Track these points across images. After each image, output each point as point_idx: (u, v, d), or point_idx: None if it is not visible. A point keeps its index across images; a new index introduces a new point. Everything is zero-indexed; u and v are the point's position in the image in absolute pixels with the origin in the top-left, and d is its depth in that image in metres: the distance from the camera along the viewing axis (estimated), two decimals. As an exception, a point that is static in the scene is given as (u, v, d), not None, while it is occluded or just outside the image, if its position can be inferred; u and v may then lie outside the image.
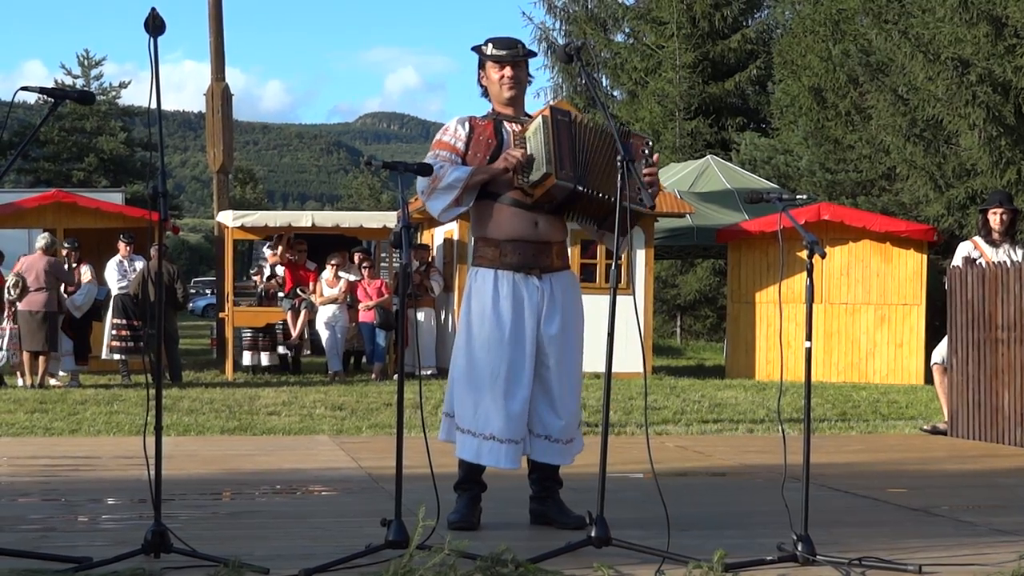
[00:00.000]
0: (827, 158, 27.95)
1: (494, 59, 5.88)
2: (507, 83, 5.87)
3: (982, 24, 21.52)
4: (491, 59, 5.89)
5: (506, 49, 5.87)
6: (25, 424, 11.50)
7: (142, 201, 40.42)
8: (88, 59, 57.80)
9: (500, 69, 5.88)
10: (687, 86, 33.41)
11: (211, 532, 5.68)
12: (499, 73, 5.88)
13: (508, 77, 5.87)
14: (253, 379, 17.42)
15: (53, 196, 19.35)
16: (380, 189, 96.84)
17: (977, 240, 10.91)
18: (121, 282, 16.63)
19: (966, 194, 22.84)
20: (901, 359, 18.80)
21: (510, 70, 5.87)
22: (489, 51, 5.90)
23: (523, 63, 5.91)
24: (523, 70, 5.93)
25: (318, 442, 10.06)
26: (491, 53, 5.89)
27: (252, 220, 18.49)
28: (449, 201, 5.70)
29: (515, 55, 5.86)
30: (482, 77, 5.97)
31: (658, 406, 13.77)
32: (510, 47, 5.87)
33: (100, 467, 8.37)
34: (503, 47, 5.88)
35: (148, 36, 4.85)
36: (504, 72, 5.87)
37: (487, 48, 5.91)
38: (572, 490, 6.04)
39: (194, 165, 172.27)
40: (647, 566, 4.86)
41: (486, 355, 5.70)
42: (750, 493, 7.47)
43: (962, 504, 7.01)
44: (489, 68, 5.91)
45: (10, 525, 5.82)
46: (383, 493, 6.93)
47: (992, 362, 10.34)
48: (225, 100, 21.26)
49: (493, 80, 5.91)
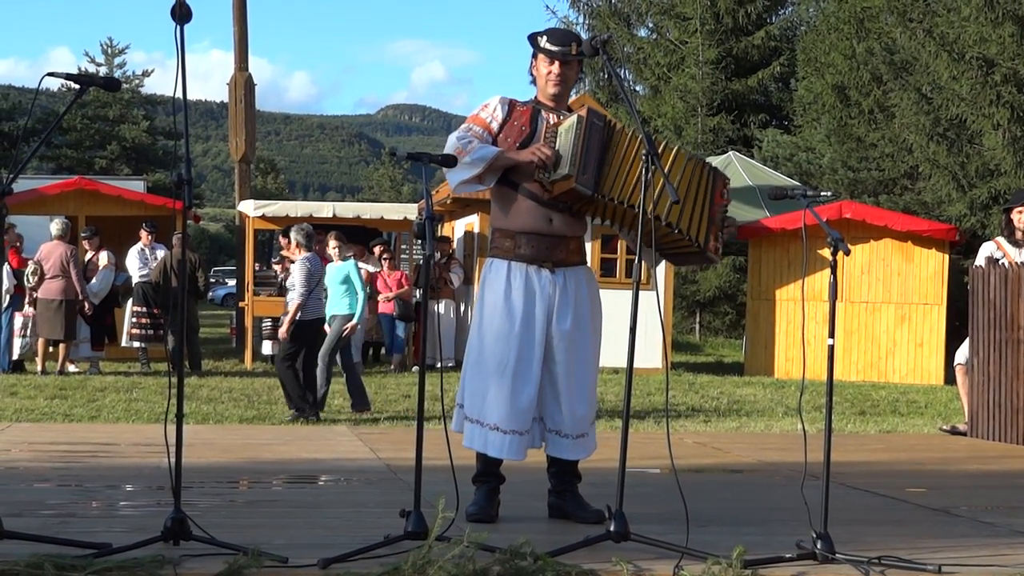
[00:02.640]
0: (849, 156, 27.83)
1: (546, 53, 5.83)
2: (553, 80, 5.83)
3: (1007, 24, 21.40)
4: (543, 52, 5.84)
5: (559, 46, 5.80)
6: (45, 410, 11.55)
7: (164, 189, 40.57)
8: (112, 47, 57.97)
9: (549, 64, 5.82)
10: (710, 82, 33.29)
11: (230, 520, 5.69)
12: (548, 68, 5.83)
13: (555, 74, 5.82)
14: (272, 368, 17.44)
15: (75, 183, 19.44)
16: (401, 181, 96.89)
17: (1000, 240, 10.85)
18: (142, 270, 16.66)
19: (989, 194, 22.72)
20: (921, 359, 18.73)
21: (559, 67, 5.81)
22: (543, 44, 5.84)
23: (574, 62, 5.85)
24: (573, 69, 5.87)
25: (336, 432, 10.07)
26: (544, 46, 5.83)
27: (273, 210, 18.52)
28: (469, 176, 5.67)
29: (566, 53, 5.79)
30: (533, 66, 5.92)
31: (676, 402, 13.76)
32: (563, 44, 5.81)
33: (119, 454, 8.40)
34: (556, 43, 5.82)
35: (174, 24, 4.86)
36: (552, 68, 5.81)
37: (542, 40, 5.85)
38: (591, 484, 6.04)
39: (216, 154, 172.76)
40: (666, 561, 4.85)
41: (495, 345, 5.70)
42: (769, 490, 7.45)
43: (982, 505, 6.98)
44: (540, 60, 5.86)
45: (30, 510, 5.84)
46: (401, 484, 6.93)
47: (1013, 362, 10.28)
48: (248, 90, 21.31)
49: (541, 73, 5.86)
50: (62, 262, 15.39)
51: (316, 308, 11.63)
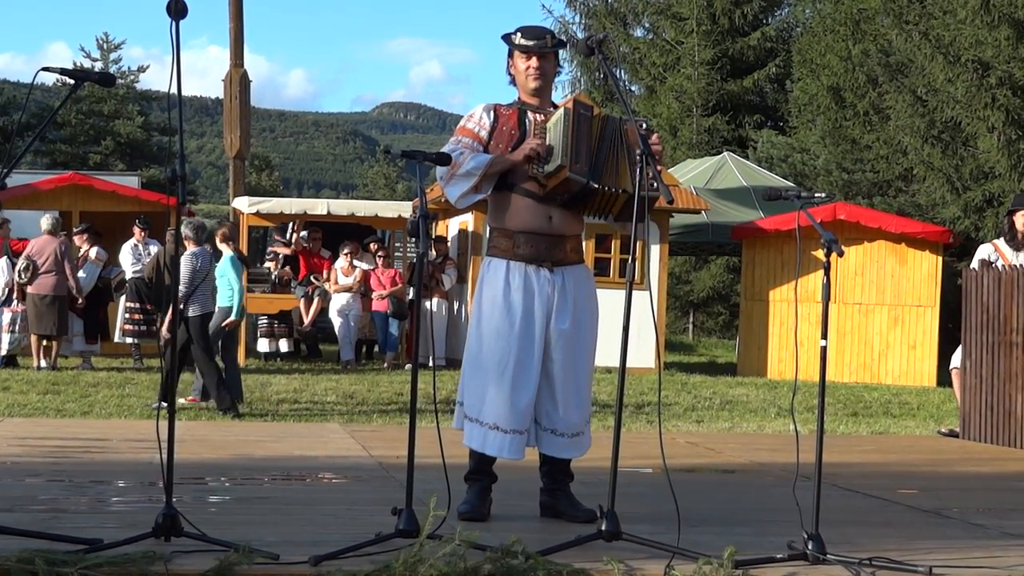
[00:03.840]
0: (844, 158, 27.87)
1: (521, 49, 5.83)
2: (532, 74, 5.83)
3: (1003, 27, 21.43)
4: (519, 48, 5.85)
5: (534, 39, 5.82)
6: (37, 405, 11.54)
7: (158, 185, 40.48)
8: (107, 42, 57.82)
9: (527, 59, 5.83)
10: (705, 83, 33.33)
11: (221, 517, 5.68)
12: (526, 63, 5.84)
13: (534, 68, 5.82)
14: (265, 365, 17.44)
15: (69, 178, 19.44)
16: (396, 179, 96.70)
17: (997, 243, 10.86)
18: (135, 266, 16.64)
19: (983, 197, 22.76)
20: (914, 360, 18.75)
21: (536, 61, 5.82)
22: (517, 40, 5.85)
23: (551, 54, 5.86)
24: (550, 62, 5.88)
25: (328, 430, 10.06)
26: (519, 43, 5.84)
27: (267, 207, 18.50)
28: (467, 188, 5.69)
29: (542, 46, 5.81)
30: (510, 66, 5.93)
31: (669, 402, 13.76)
32: (538, 37, 5.83)
33: (111, 449, 8.39)
34: (531, 37, 5.83)
35: (170, 20, 4.86)
36: (530, 63, 5.82)
37: (516, 37, 5.86)
38: (582, 484, 6.04)
39: (210, 151, 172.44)
40: (657, 561, 4.85)
41: (494, 345, 5.69)
42: (761, 490, 7.45)
43: (973, 507, 6.99)
44: (517, 57, 5.87)
45: (20, 506, 5.83)
46: (393, 482, 6.93)
47: (1006, 365, 10.29)
48: (243, 86, 21.27)
49: (520, 70, 5.87)
50: (56, 257, 15.37)
51: (207, 302, 11.64)
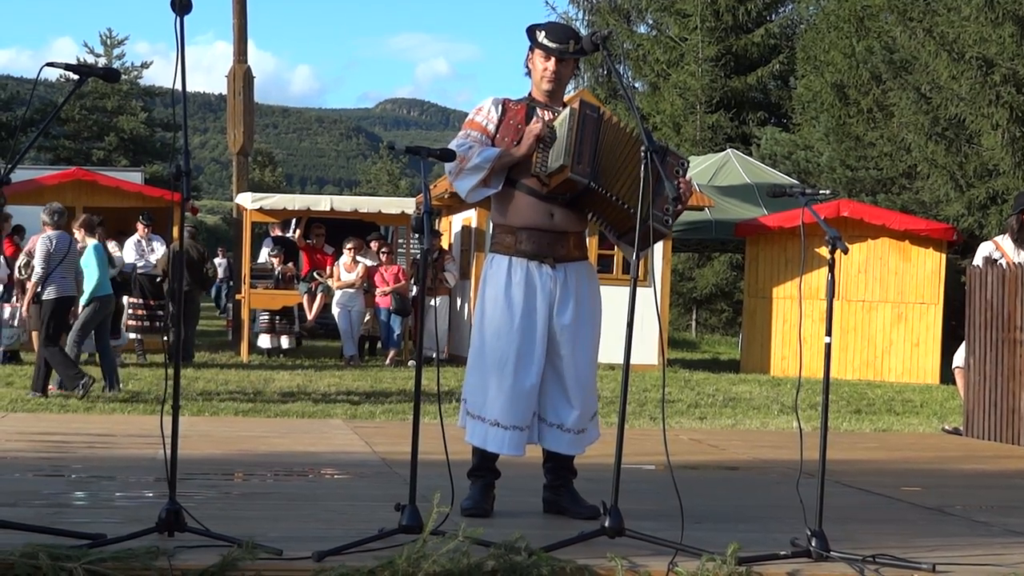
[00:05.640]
0: (848, 155, 27.83)
1: (543, 48, 5.78)
2: (548, 76, 5.79)
3: (1007, 24, 21.39)
4: (540, 47, 5.79)
5: (556, 43, 5.74)
6: (40, 400, 11.54)
7: (162, 181, 40.49)
8: (111, 38, 57.81)
9: (545, 60, 5.78)
10: (709, 79, 33.28)
11: (224, 512, 5.68)
12: (543, 64, 5.79)
13: (551, 71, 5.77)
14: (268, 361, 17.44)
15: (73, 174, 19.48)
16: (399, 175, 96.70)
17: (998, 240, 10.85)
18: (139, 261, 16.65)
19: (987, 194, 22.72)
20: (917, 358, 18.74)
21: (554, 64, 5.76)
22: (540, 39, 5.79)
23: (570, 60, 5.81)
24: (568, 66, 5.82)
25: (332, 426, 10.07)
26: (541, 41, 5.78)
27: (270, 203, 18.49)
28: (476, 182, 5.66)
29: (563, 51, 5.74)
30: (529, 59, 5.88)
31: (672, 399, 13.76)
32: (561, 41, 5.74)
33: (114, 445, 8.39)
34: (554, 39, 5.75)
35: (174, 15, 4.86)
36: (548, 64, 5.77)
37: (540, 35, 5.79)
38: (586, 480, 6.03)
39: (214, 147, 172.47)
40: (660, 558, 4.85)
41: (495, 341, 5.69)
42: (764, 487, 7.46)
43: (976, 504, 6.99)
44: (536, 55, 5.82)
45: (24, 500, 5.83)
46: (396, 478, 6.93)
47: (1010, 363, 10.29)
48: (247, 82, 21.26)
49: (536, 68, 5.82)
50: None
51: (63, 286, 11.72)
